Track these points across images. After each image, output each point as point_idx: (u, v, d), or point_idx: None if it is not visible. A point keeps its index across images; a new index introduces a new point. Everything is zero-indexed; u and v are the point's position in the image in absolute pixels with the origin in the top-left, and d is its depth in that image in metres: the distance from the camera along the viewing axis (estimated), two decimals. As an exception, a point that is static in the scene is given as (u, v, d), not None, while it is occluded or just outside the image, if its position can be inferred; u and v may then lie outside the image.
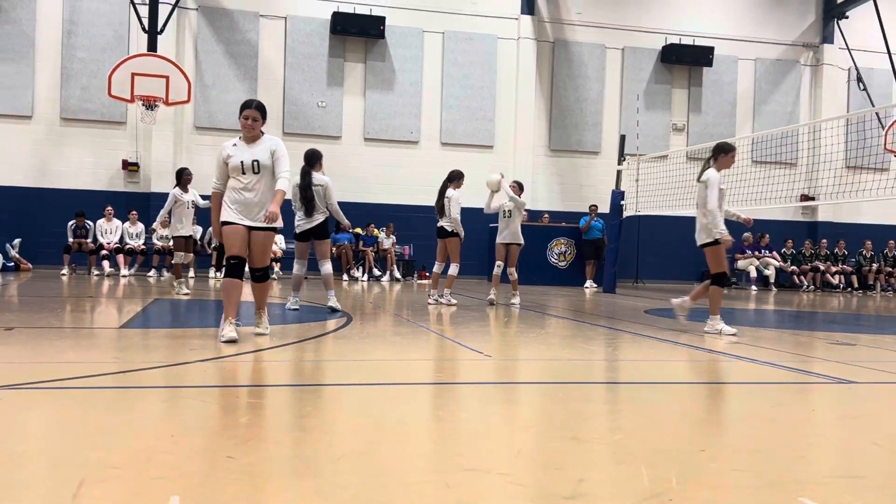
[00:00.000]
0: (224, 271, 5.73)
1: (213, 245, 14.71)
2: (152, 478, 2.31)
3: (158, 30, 14.74)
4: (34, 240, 15.45)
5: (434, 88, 17.61)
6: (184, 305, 8.95)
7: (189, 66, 15.87)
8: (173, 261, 10.76)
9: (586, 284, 16.26)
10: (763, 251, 18.07)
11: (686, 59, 18.59)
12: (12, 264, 15.11)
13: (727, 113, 19.17)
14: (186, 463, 2.50)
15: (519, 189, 10.28)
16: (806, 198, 17.32)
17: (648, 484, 2.38)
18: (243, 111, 5.61)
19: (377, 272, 16.21)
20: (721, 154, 7.07)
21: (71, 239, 14.97)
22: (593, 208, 16.82)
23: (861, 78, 19.11)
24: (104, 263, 14.85)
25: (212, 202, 5.82)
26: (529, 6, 18.00)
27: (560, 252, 16.84)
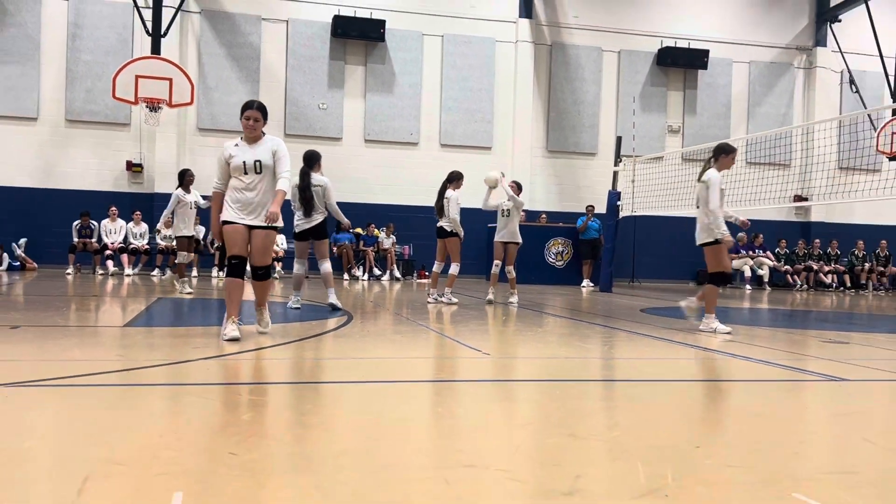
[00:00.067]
0: (226, 271, 5.75)
1: (216, 245, 14.88)
2: (156, 474, 2.33)
3: (162, 33, 14.86)
4: (39, 239, 15.53)
5: (433, 91, 17.71)
6: (187, 304, 8.98)
7: (192, 69, 15.98)
8: (176, 260, 10.85)
9: (583, 284, 16.37)
10: (757, 251, 18.20)
11: (681, 62, 18.68)
12: (18, 264, 15.19)
13: (722, 115, 19.30)
14: (190, 459, 2.53)
15: (518, 189, 10.36)
16: (799, 198, 17.37)
17: (644, 480, 2.40)
18: (245, 112, 5.58)
19: (377, 271, 16.34)
20: (722, 155, 7.10)
21: (76, 239, 15.03)
22: (590, 209, 16.93)
23: (853, 80, 19.26)
24: (108, 263, 14.95)
25: (212, 202, 5.79)
26: (527, 10, 18.10)
27: (557, 252, 16.97)
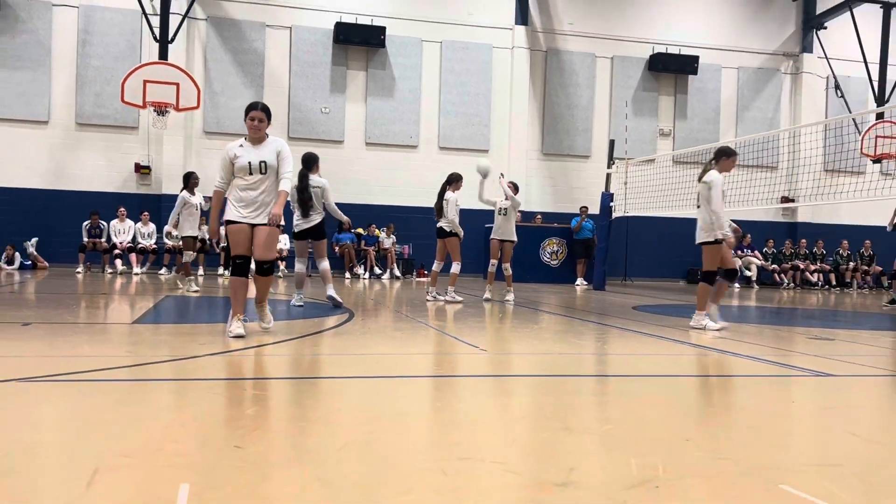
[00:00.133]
0: (230, 270, 5.86)
1: (222, 245, 15.18)
2: (163, 466, 2.37)
3: (169, 39, 15.11)
4: (50, 239, 15.81)
5: (432, 95, 18.02)
6: (193, 302, 9.05)
7: (198, 74, 16.30)
8: (183, 259, 11.05)
9: (577, 282, 16.61)
10: (745, 250, 18.49)
11: (672, 68, 19.03)
12: (30, 263, 15.46)
13: (711, 119, 19.66)
14: (196, 452, 2.58)
15: (514, 189, 10.62)
16: (786, 200, 17.65)
17: (636, 472, 2.45)
18: (249, 113, 5.62)
19: (378, 270, 16.63)
20: (723, 157, 7.18)
21: (86, 238, 15.30)
22: (584, 209, 17.16)
23: (839, 86, 19.61)
24: (117, 262, 15.22)
25: (213, 199, 5.81)
26: (523, 17, 18.43)
27: (552, 251, 17.24)
